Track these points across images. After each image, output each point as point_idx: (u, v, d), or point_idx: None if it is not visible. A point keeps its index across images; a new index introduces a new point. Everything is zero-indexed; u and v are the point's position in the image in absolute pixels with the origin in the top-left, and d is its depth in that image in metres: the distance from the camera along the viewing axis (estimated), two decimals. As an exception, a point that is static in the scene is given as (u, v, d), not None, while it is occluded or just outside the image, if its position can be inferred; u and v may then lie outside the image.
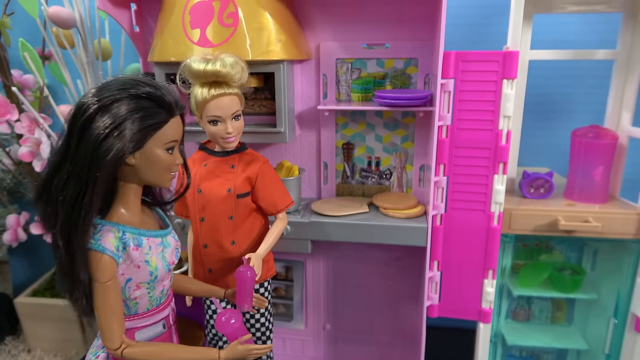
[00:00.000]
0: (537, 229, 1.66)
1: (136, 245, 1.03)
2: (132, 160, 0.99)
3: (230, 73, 1.35)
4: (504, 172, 1.58)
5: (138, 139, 0.96)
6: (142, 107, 0.95)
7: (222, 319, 1.17)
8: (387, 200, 1.78)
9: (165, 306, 1.16)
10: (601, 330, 1.78)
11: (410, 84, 1.76)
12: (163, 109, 0.99)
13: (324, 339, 2.11)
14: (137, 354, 1.05)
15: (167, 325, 1.17)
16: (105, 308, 1.00)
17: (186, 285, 1.34)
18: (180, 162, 1.07)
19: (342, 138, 1.87)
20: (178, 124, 1.04)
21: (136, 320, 1.10)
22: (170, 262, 1.12)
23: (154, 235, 1.09)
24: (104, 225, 1.02)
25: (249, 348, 1.15)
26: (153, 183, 1.06)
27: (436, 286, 1.73)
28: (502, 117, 1.53)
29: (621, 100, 1.71)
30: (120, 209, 1.05)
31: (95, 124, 0.92)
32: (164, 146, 1.01)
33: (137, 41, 1.84)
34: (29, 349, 2.48)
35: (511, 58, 1.48)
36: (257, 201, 1.50)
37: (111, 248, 0.99)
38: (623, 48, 1.67)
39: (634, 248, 1.64)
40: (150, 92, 0.97)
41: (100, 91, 0.95)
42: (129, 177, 1.03)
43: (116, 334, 1.03)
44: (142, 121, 0.95)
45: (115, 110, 0.93)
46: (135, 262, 1.03)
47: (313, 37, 1.78)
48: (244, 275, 1.30)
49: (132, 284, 1.05)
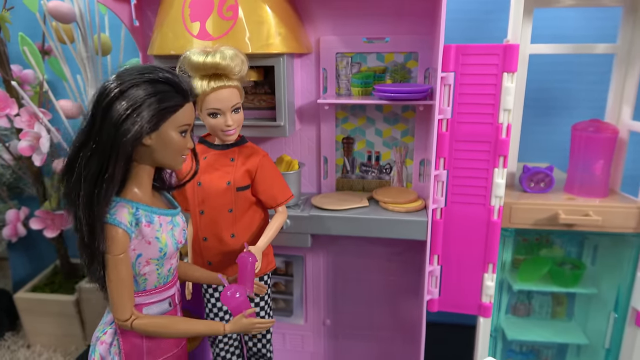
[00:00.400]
0: (538, 222, 1.66)
1: (148, 221, 1.09)
2: (148, 141, 1.05)
3: (230, 65, 1.35)
4: (504, 166, 1.58)
5: (155, 120, 1.02)
6: (159, 91, 1.02)
7: (228, 293, 1.22)
8: (387, 194, 1.78)
9: (171, 285, 1.21)
10: (601, 324, 1.77)
11: (411, 78, 1.76)
12: (179, 94, 1.05)
13: (324, 334, 2.11)
14: (146, 325, 1.11)
15: (173, 304, 1.22)
16: (117, 280, 1.06)
17: (189, 272, 1.38)
18: (191, 145, 1.14)
19: (342, 132, 1.87)
20: (191, 109, 1.11)
21: (144, 297, 1.14)
22: (178, 240, 1.17)
23: (165, 214, 1.14)
24: (119, 202, 1.07)
25: (252, 322, 1.21)
26: (166, 164, 1.12)
27: (436, 280, 1.73)
28: (502, 110, 1.53)
29: (621, 95, 1.71)
30: (134, 188, 1.10)
31: (116, 106, 0.99)
32: (178, 129, 1.07)
33: (137, 35, 1.84)
34: (29, 345, 2.48)
35: (511, 51, 1.48)
36: (257, 194, 1.50)
37: (125, 222, 1.05)
38: (623, 42, 1.67)
39: (634, 242, 1.64)
40: (168, 77, 1.04)
41: (120, 76, 1.02)
42: (144, 158, 1.08)
43: (127, 306, 1.08)
44: (159, 103, 1.01)
45: (134, 94, 1.00)
46: (146, 238, 1.09)
47: (313, 31, 1.77)
48: (245, 261, 1.33)
49: (143, 259, 1.10)
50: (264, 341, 1.65)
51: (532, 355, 1.99)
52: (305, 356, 2.15)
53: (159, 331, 1.13)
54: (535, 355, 1.99)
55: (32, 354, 2.40)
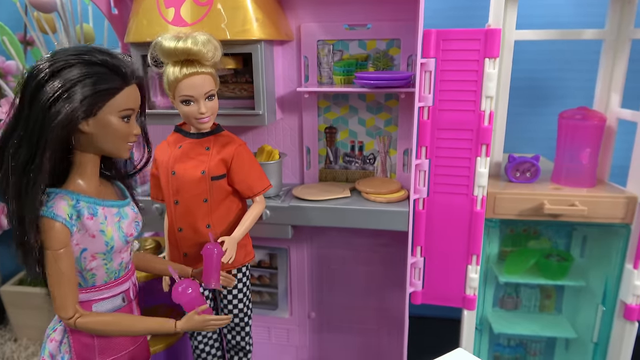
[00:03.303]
0: (522, 213, 1.62)
1: (91, 214, 1.02)
2: (85, 127, 0.98)
3: (201, 51, 1.31)
4: (486, 155, 1.54)
5: (89, 103, 0.94)
6: (94, 73, 0.95)
7: (179, 289, 1.15)
8: (369, 185, 1.74)
9: (124, 280, 1.14)
10: (590, 318, 1.73)
11: (393, 65, 1.72)
12: (117, 76, 0.98)
13: (309, 328, 2.08)
14: (91, 324, 1.04)
15: (127, 299, 1.15)
16: (58, 276, 0.99)
17: (150, 264, 1.31)
18: (137, 132, 1.06)
19: (325, 122, 1.83)
20: (134, 93, 1.03)
21: (93, 293, 1.08)
22: (127, 233, 1.09)
23: (110, 205, 1.07)
24: (58, 194, 1.01)
25: (205, 318, 1.14)
26: (110, 152, 1.05)
27: (419, 272, 1.70)
28: (484, 97, 1.49)
29: (610, 82, 1.67)
30: (77, 179, 1.04)
31: (46, 87, 0.92)
32: (119, 114, 1.00)
33: (116, 23, 1.81)
34: (15, 338, 2.46)
35: (493, 36, 1.44)
36: (233, 184, 1.47)
37: (63, 215, 0.98)
38: (611, 27, 1.62)
39: (622, 233, 1.60)
40: (106, 60, 0.97)
41: (53, 56, 0.95)
42: (85, 146, 1.02)
43: (69, 303, 1.02)
44: (94, 85, 0.94)
45: (66, 75, 0.93)
46: (90, 231, 1.02)
47: (294, 18, 1.74)
48: (210, 252, 1.29)
49: (88, 254, 1.04)
50: (242, 334, 1.62)
51: (521, 349, 1.95)
52: (290, 350, 2.12)
53: (105, 329, 1.06)
54: (524, 349, 1.95)
55: (19, 348, 2.39)
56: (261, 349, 2.13)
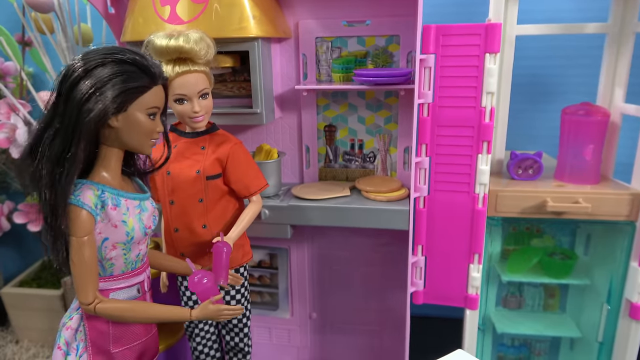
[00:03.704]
0: (525, 211, 1.59)
1: (114, 204, 1.07)
2: (114, 122, 1.03)
3: (194, 49, 1.30)
4: (488, 152, 1.51)
5: (120, 100, 1.00)
6: (125, 71, 1.00)
7: (195, 279, 1.19)
8: (369, 183, 1.72)
9: (140, 271, 1.17)
10: (595, 317, 1.70)
11: (393, 62, 1.70)
12: (146, 75, 1.03)
13: (310, 328, 2.06)
14: (110, 310, 1.08)
15: (142, 291, 1.18)
16: (80, 263, 1.03)
17: (159, 261, 1.35)
18: (161, 129, 1.11)
19: (324, 120, 1.81)
20: (160, 92, 1.08)
21: (111, 282, 1.12)
22: (147, 225, 1.14)
23: (132, 198, 1.12)
24: (84, 184, 1.05)
25: (219, 308, 1.18)
26: (134, 147, 1.09)
27: (420, 271, 1.67)
28: (485, 93, 1.47)
29: (613, 76, 1.63)
30: (102, 172, 1.09)
31: (80, 85, 0.97)
32: (146, 111, 1.05)
33: (113, 23, 1.79)
34: (17, 340, 2.46)
35: (493, 31, 1.41)
36: (229, 184, 1.45)
37: (90, 204, 1.03)
38: (615, 21, 1.59)
39: (627, 230, 1.56)
40: (136, 59, 1.02)
41: (86, 55, 1.00)
42: (112, 140, 1.06)
43: (90, 289, 1.06)
44: (124, 83, 0.99)
45: (99, 73, 0.98)
46: (112, 221, 1.06)
47: (291, 15, 1.72)
48: (220, 250, 1.30)
49: (109, 243, 1.08)
50: (241, 335, 1.60)
51: (524, 349, 1.92)
52: (291, 350, 2.10)
53: (123, 315, 1.10)
54: (528, 349, 1.92)
55: (20, 349, 2.38)
56: (262, 349, 2.11)
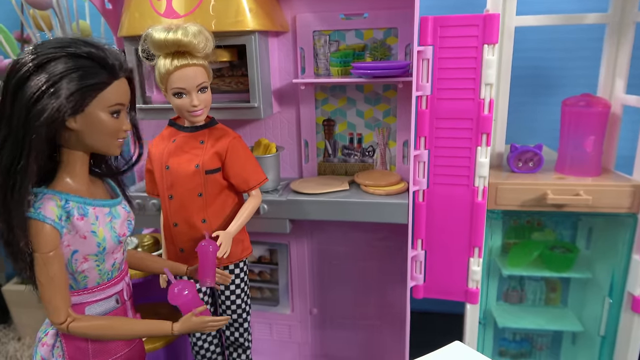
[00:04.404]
0: (525, 203, 1.57)
1: (81, 214, 0.98)
2: (73, 124, 0.93)
3: (192, 42, 1.29)
4: (487, 144, 1.50)
5: (76, 99, 0.90)
6: (81, 66, 0.90)
7: (175, 290, 1.11)
8: (368, 177, 1.71)
9: (118, 280, 1.10)
10: (597, 311, 1.69)
11: (391, 55, 1.69)
12: (105, 70, 0.93)
13: (311, 324, 2.05)
14: (84, 328, 1.00)
15: (121, 300, 1.11)
16: (48, 280, 0.95)
17: (144, 262, 1.27)
18: (127, 127, 1.02)
19: (323, 114, 1.80)
20: (123, 86, 0.98)
21: (85, 295, 1.04)
22: (120, 233, 1.05)
23: (101, 205, 1.03)
24: (45, 194, 0.96)
25: (204, 320, 1.10)
26: (99, 150, 1.00)
27: (420, 266, 1.67)
28: (483, 85, 1.45)
29: (614, 67, 1.62)
30: (65, 178, 0.99)
31: (30, 83, 0.87)
32: (108, 109, 0.96)
33: (110, 18, 1.79)
34: (19, 337, 2.46)
35: (491, 21, 1.40)
36: (228, 178, 1.44)
37: (52, 217, 0.94)
38: (615, 11, 1.57)
39: (629, 223, 1.55)
40: (92, 52, 0.92)
41: (37, 49, 0.90)
42: (73, 143, 0.97)
43: (61, 308, 0.97)
44: (81, 80, 0.90)
45: (51, 69, 0.88)
46: (80, 232, 0.98)
47: (288, 8, 1.71)
48: (205, 250, 1.26)
49: (79, 255, 0.99)
50: (241, 330, 1.60)
51: (526, 343, 1.91)
52: (292, 346, 2.10)
53: (98, 334, 1.02)
54: (529, 344, 1.91)
55: (22, 346, 2.39)
56: (263, 345, 2.11)
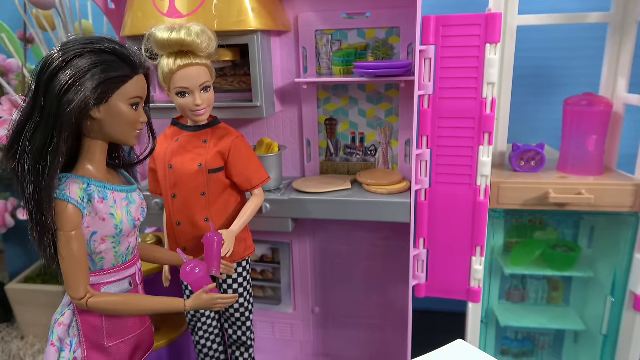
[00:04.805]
0: (527, 203, 1.58)
1: (101, 198, 1.06)
2: (96, 114, 1.01)
3: (195, 42, 1.30)
4: (489, 143, 1.50)
5: (101, 91, 0.98)
6: (104, 61, 0.99)
7: (187, 269, 1.19)
8: (371, 176, 1.71)
9: (131, 264, 1.17)
10: (599, 310, 1.69)
11: (393, 54, 1.69)
12: (127, 65, 1.02)
13: (313, 323, 2.06)
14: (102, 304, 1.07)
15: (134, 284, 1.18)
16: (69, 257, 1.02)
17: (151, 254, 1.34)
18: (144, 120, 1.10)
19: (325, 114, 1.81)
20: (142, 82, 1.07)
21: (102, 276, 1.11)
22: (135, 217, 1.13)
23: (119, 190, 1.11)
24: (69, 178, 1.04)
25: (213, 297, 1.18)
26: (118, 139, 1.08)
27: (422, 264, 1.67)
28: (485, 84, 1.46)
29: (616, 66, 1.62)
30: (87, 165, 1.07)
31: (59, 77, 0.96)
32: (128, 101, 1.04)
33: (113, 18, 1.80)
34: (22, 336, 2.47)
35: (494, 20, 1.40)
36: (231, 177, 1.45)
37: (76, 198, 1.02)
38: (617, 10, 1.57)
39: (631, 222, 1.55)
40: (115, 48, 1.01)
41: (65, 46, 0.99)
42: (95, 133, 1.05)
43: (81, 283, 1.05)
44: (104, 73, 0.98)
45: (78, 64, 0.97)
46: (100, 214, 1.05)
47: (291, 8, 1.71)
48: (210, 240, 1.31)
49: (98, 237, 1.07)
50: (243, 329, 1.60)
51: (528, 342, 1.91)
52: (294, 345, 2.11)
53: (116, 309, 1.09)
54: (532, 343, 1.91)
55: (25, 345, 2.40)
56: (265, 344, 2.12)
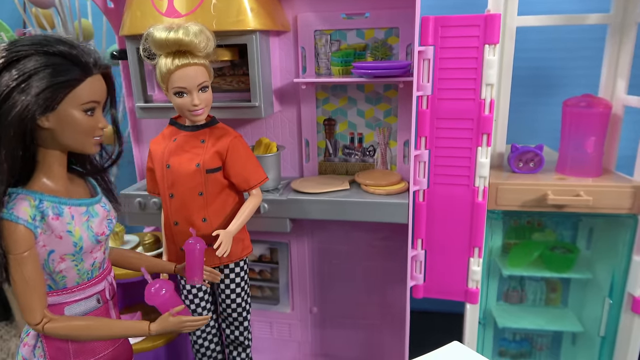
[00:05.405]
0: (525, 204, 1.57)
1: (56, 214, 0.96)
2: (45, 123, 0.91)
3: (193, 42, 1.29)
4: (488, 144, 1.50)
5: (47, 97, 0.88)
6: (51, 63, 0.89)
7: (152, 290, 1.09)
8: (369, 177, 1.71)
9: (99, 280, 1.07)
10: (597, 311, 1.69)
11: (392, 55, 1.69)
12: (77, 67, 0.91)
13: (311, 323, 2.06)
14: (60, 329, 0.98)
15: (103, 300, 1.09)
16: (22, 281, 0.94)
17: (127, 260, 1.25)
18: (103, 125, 0.98)
19: (323, 114, 1.80)
20: (98, 83, 0.96)
21: (65, 295, 1.02)
22: (98, 232, 1.03)
23: (77, 204, 1.01)
24: (19, 194, 0.94)
25: (181, 320, 1.08)
26: (75, 149, 0.98)
27: (420, 265, 1.67)
28: (484, 85, 1.45)
29: (615, 68, 1.61)
30: (42, 178, 0.98)
31: (0, 80, 0.87)
32: (81, 107, 0.93)
33: (112, 17, 1.80)
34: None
35: (492, 21, 1.40)
36: (229, 177, 1.45)
37: (25, 217, 0.92)
38: (617, 11, 1.57)
39: (629, 224, 1.55)
40: (63, 50, 0.91)
41: (9, 46, 0.89)
42: (48, 143, 0.95)
43: (36, 308, 0.96)
44: (51, 77, 0.88)
45: (21, 66, 0.87)
46: (56, 232, 0.96)
47: (290, 8, 1.71)
48: (192, 248, 1.26)
49: (56, 255, 0.98)
50: (241, 329, 1.60)
51: (526, 343, 1.91)
52: (292, 345, 2.11)
53: (75, 334, 1.00)
54: (529, 344, 1.91)
55: (24, 344, 2.40)
56: (263, 344, 2.12)
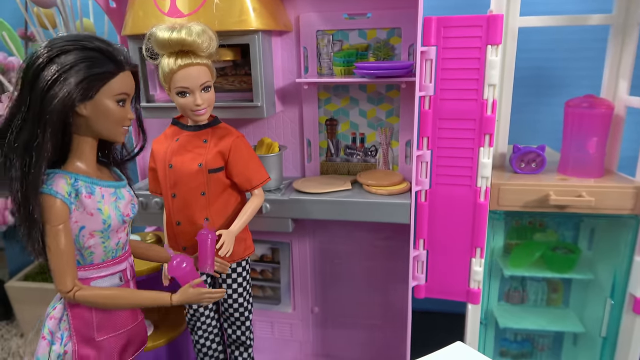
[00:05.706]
0: (527, 204, 1.58)
1: (89, 192, 1.08)
2: (83, 111, 1.03)
3: (196, 42, 1.30)
4: (490, 145, 1.50)
5: (85, 87, 1.00)
6: (89, 57, 1.00)
7: (174, 263, 1.21)
8: (371, 177, 1.71)
9: (122, 259, 1.18)
10: (598, 312, 1.69)
11: (394, 55, 1.69)
12: (112, 62, 1.03)
13: (313, 322, 2.06)
14: (89, 296, 1.08)
15: (124, 279, 1.19)
16: (57, 250, 1.04)
17: (143, 251, 1.35)
18: (131, 117, 1.11)
19: (325, 114, 1.80)
20: (129, 78, 1.08)
21: (92, 270, 1.12)
22: (124, 213, 1.14)
23: (107, 185, 1.12)
24: (57, 173, 1.06)
25: (200, 291, 1.19)
26: (106, 136, 1.09)
27: (422, 265, 1.67)
28: (487, 85, 1.45)
29: (618, 68, 1.61)
30: (76, 161, 1.09)
31: (44, 72, 0.98)
32: (114, 98, 1.05)
33: (114, 17, 1.79)
34: (22, 334, 2.48)
35: (495, 22, 1.40)
36: (231, 177, 1.45)
37: (63, 192, 1.03)
38: (619, 12, 1.57)
39: (631, 224, 1.55)
40: (100, 46, 1.03)
41: (51, 43, 1.01)
42: (83, 129, 1.07)
43: (68, 276, 1.06)
44: (88, 69, 1.00)
45: (62, 60, 0.99)
46: (87, 209, 1.07)
47: (292, 8, 1.71)
48: (204, 238, 1.32)
49: (86, 231, 1.08)
50: (243, 328, 1.60)
51: (527, 344, 1.91)
52: (294, 345, 2.11)
53: (103, 302, 1.10)
54: (531, 344, 1.91)
55: (24, 343, 2.40)
56: (264, 343, 2.12)
